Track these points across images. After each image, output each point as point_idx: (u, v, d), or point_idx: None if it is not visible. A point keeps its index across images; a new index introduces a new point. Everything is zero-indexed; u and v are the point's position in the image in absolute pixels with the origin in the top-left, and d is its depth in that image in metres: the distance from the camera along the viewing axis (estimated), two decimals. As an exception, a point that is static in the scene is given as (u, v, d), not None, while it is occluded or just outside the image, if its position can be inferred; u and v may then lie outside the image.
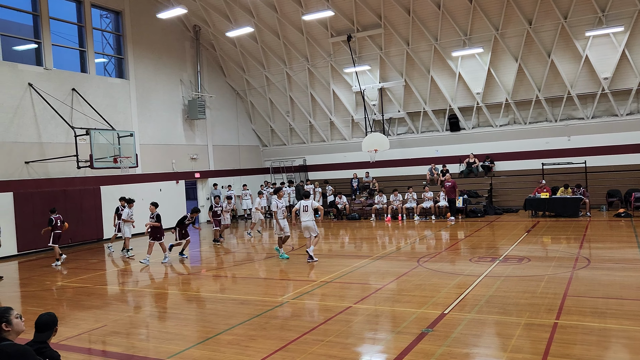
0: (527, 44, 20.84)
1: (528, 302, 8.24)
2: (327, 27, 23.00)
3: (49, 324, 4.51)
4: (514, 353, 6.14)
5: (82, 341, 7.63)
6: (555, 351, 6.10)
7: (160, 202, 21.98)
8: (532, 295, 8.59)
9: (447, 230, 18.02)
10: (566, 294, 8.62)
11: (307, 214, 12.87)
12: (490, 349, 6.45)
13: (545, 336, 6.60)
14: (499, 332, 6.99)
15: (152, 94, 22.54)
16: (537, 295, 8.62)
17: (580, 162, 21.15)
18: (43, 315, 4.55)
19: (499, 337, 6.81)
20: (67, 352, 6.96)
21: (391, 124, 25.82)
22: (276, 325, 7.76)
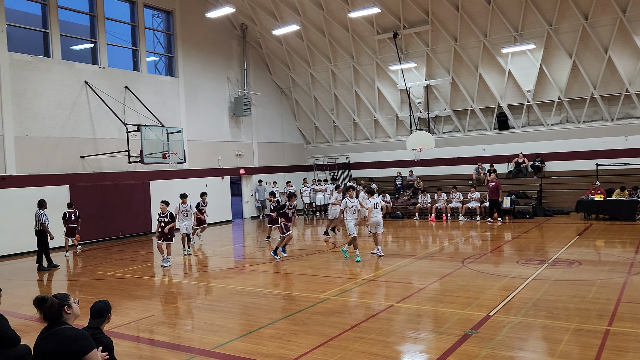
0: (583, 39, 20.02)
1: (578, 307, 7.95)
2: (372, 24, 22.86)
3: (103, 311, 4.72)
4: (561, 359, 5.94)
5: (132, 329, 7.91)
6: (607, 358, 5.86)
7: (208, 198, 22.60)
8: (583, 300, 8.28)
9: (492, 232, 17.60)
10: (620, 299, 8.26)
11: (376, 211, 13.24)
12: (536, 354, 6.26)
13: (596, 342, 6.35)
14: (546, 337, 6.78)
15: (200, 92, 23.08)
16: (588, 300, 8.31)
17: (638, 163, 20.16)
18: (98, 302, 4.76)
19: (546, 342, 6.61)
20: (117, 339, 7.23)
21: (437, 122, 25.42)
22: (318, 321, 7.80)
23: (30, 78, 16.95)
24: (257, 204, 25.58)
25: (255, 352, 6.62)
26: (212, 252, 15.63)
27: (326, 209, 25.89)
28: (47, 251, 13.69)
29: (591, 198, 19.10)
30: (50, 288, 11.83)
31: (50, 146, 17.40)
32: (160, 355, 6.75)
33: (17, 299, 10.26)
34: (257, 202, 25.52)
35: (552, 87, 21.66)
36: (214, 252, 15.74)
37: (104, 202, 18.70)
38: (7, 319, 5.34)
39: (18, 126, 16.59)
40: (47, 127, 17.36)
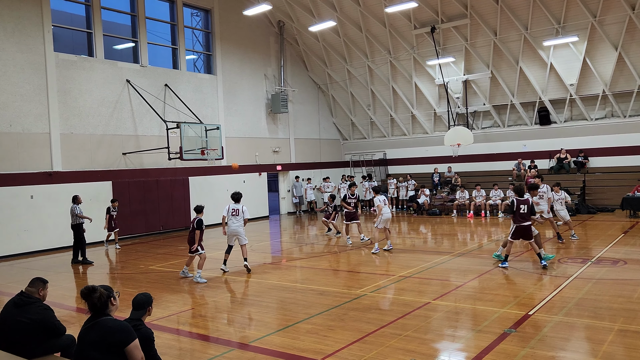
0: (629, 30, 19.24)
1: (622, 307, 7.71)
2: (410, 19, 22.61)
3: (144, 303, 4.89)
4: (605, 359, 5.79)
5: (172, 322, 8.14)
6: (653, 361, 5.68)
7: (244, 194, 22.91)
8: (628, 300, 8.02)
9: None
10: (667, 300, 7.96)
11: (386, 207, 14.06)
12: (578, 354, 6.11)
13: (641, 345, 6.15)
14: (588, 337, 6.60)
15: (238, 89, 23.40)
16: (634, 300, 8.03)
17: (689, 158, 19.30)
18: (139, 295, 4.93)
19: (588, 342, 6.44)
20: (158, 332, 7.46)
21: (475, 117, 24.95)
22: (354, 317, 7.83)
23: (75, 77, 17.57)
24: (294, 200, 25.77)
25: (292, 346, 6.71)
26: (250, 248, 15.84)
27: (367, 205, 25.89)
28: (82, 247, 14.00)
29: (637, 195, 18.38)
30: (95, 281, 12.27)
31: (94, 143, 18.02)
32: (199, 347, 6.93)
33: (64, 290, 10.70)
34: (294, 198, 25.71)
35: (596, 81, 20.93)
36: (251, 247, 15.95)
37: (146, 198, 19.24)
38: (53, 309, 5.60)
39: (64, 124, 17.24)
40: (91, 124, 17.97)
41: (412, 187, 24.51)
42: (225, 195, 21.78)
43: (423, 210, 22.96)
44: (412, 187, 24.54)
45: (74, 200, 14.31)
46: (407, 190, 24.61)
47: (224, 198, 21.50)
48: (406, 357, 6.12)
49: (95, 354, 4.09)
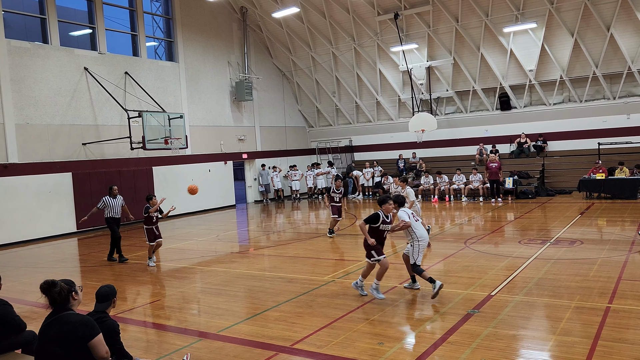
0: (585, 17, 19.81)
1: (579, 285, 8.03)
2: (373, 5, 22.65)
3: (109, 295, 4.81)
4: (562, 336, 6.03)
5: (138, 314, 8.03)
6: (607, 335, 5.95)
7: (210, 183, 22.73)
8: (584, 279, 8.35)
9: (495, 212, 17.65)
10: (620, 277, 8.33)
11: None
12: (538, 332, 6.35)
13: (596, 320, 6.43)
14: (548, 315, 6.86)
15: (201, 76, 23.00)
16: (589, 278, 8.38)
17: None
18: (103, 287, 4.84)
19: (547, 320, 6.69)
20: (124, 324, 7.35)
21: (439, 103, 25.31)
22: (322, 303, 7.90)
23: (29, 65, 16.91)
24: (260, 189, 25.66)
25: (261, 334, 6.72)
26: (217, 237, 15.74)
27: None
28: (117, 243, 12.40)
29: (593, 177, 19.09)
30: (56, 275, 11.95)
31: (51, 133, 17.44)
32: (167, 339, 6.86)
33: (24, 285, 10.39)
34: (260, 186, 25.60)
35: (554, 66, 21.51)
36: (218, 236, 15.85)
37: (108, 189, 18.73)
38: (11, 305, 5.43)
39: (19, 114, 16.61)
40: (48, 114, 17.37)
41: (378, 174, 24.75)
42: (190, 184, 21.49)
43: (389, 196, 23.20)
44: (378, 174, 24.78)
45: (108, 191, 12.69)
46: (373, 177, 24.85)
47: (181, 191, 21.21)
48: (374, 341, 6.23)
49: (57, 349, 4.00)
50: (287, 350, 6.12)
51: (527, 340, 6.10)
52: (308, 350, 6.07)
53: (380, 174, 24.66)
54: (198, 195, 21.02)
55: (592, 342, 5.78)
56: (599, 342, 5.75)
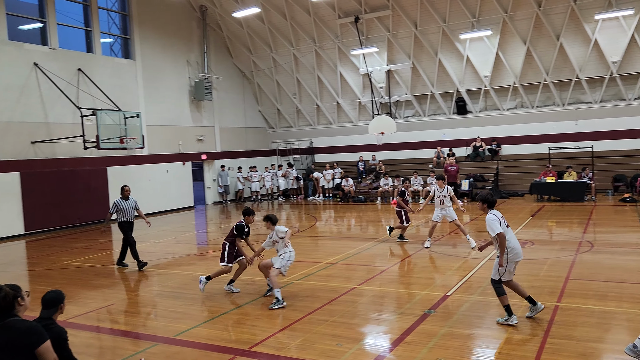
0: (537, 27, 20.57)
1: (531, 284, 8.31)
2: (334, 8, 22.79)
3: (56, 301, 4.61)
4: (514, 334, 6.23)
5: (91, 319, 7.79)
6: (556, 332, 6.19)
7: (168, 184, 22.31)
8: (535, 278, 8.66)
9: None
10: (569, 277, 8.69)
11: None
12: (491, 330, 6.54)
13: (546, 318, 6.68)
14: (501, 314, 7.06)
15: (159, 75, 22.53)
16: (540, 278, 8.69)
17: (587, 146, 21.04)
18: (50, 292, 4.65)
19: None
20: (75, 330, 7.12)
21: (398, 106, 25.71)
22: (281, 305, 7.87)
23: (-24, 60, 16.14)
24: (219, 190, 25.35)
25: (219, 337, 6.64)
26: (175, 239, 15.45)
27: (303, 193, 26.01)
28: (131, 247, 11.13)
29: (544, 180, 19.82)
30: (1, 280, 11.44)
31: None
32: (121, 344, 6.68)
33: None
34: (219, 187, 25.29)
35: (508, 73, 22.23)
36: (176, 238, 15.56)
37: (60, 189, 18.11)
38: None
39: (-36, 111, 15.82)
40: (-4, 111, 16.61)
41: (339, 175, 24.90)
42: (147, 185, 21.06)
43: (349, 198, 23.42)
44: (338, 175, 24.93)
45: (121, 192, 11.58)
46: (334, 178, 24.98)
47: (146, 189, 20.80)
48: (333, 342, 6.26)
49: (2, 357, 3.83)
50: (246, 353, 6.07)
51: (481, 339, 6.28)
52: (267, 352, 6.05)
53: (340, 175, 24.81)
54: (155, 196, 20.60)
55: (542, 339, 6.00)
56: (548, 340, 5.98)
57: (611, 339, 6.08)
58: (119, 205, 11.28)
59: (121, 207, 11.27)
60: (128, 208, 11.32)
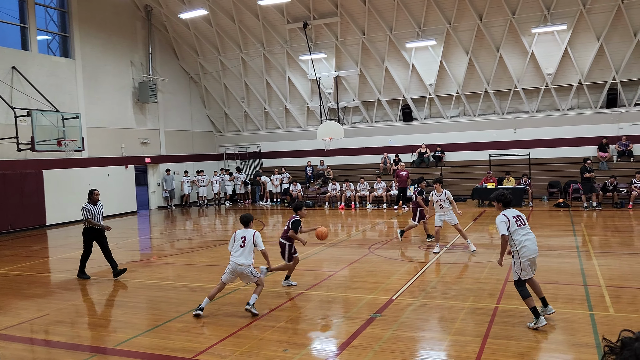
0: (478, 38, 21.40)
1: (472, 287, 8.58)
2: (283, 13, 22.80)
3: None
4: (457, 335, 6.40)
5: (24, 331, 7.37)
6: (495, 333, 6.41)
7: (109, 188, 21.51)
8: (477, 281, 8.95)
9: (398, 218, 18.41)
10: (507, 279, 9.02)
11: None
12: (435, 332, 6.69)
13: (486, 319, 6.91)
14: (444, 316, 7.25)
15: (101, 75, 21.73)
16: (481, 280, 8.99)
17: (525, 154, 22.02)
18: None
19: (444, 321, 7.08)
20: (6, 342, 6.72)
21: (346, 112, 25.99)
22: (228, 312, 7.75)
23: None
24: (164, 194, 24.70)
25: (162, 346, 6.45)
26: (116, 245, 14.87)
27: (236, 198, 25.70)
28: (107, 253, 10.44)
29: (484, 186, 20.57)
30: None
31: None
32: (56, 356, 6.36)
33: None
34: (164, 192, 24.64)
35: (451, 82, 22.96)
36: (117, 244, 14.99)
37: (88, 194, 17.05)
38: None
39: None
40: None
41: (287, 180, 24.85)
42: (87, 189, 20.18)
43: (296, 203, 23.37)
44: (286, 180, 24.88)
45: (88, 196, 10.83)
46: (282, 183, 24.91)
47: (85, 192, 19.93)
48: (279, 348, 6.21)
49: None
50: (190, 362, 5.92)
51: (425, 341, 6.41)
52: (212, 361, 5.92)
53: (288, 180, 24.77)
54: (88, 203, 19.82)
55: (483, 340, 6.19)
56: (489, 340, 6.18)
57: (547, 339, 6.35)
58: (89, 209, 10.57)
59: (92, 212, 10.59)
60: (97, 213, 10.63)
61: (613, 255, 11.18)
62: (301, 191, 23.66)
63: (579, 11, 19.53)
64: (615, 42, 20.04)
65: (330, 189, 22.88)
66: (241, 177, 25.67)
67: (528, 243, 6.57)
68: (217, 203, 25.76)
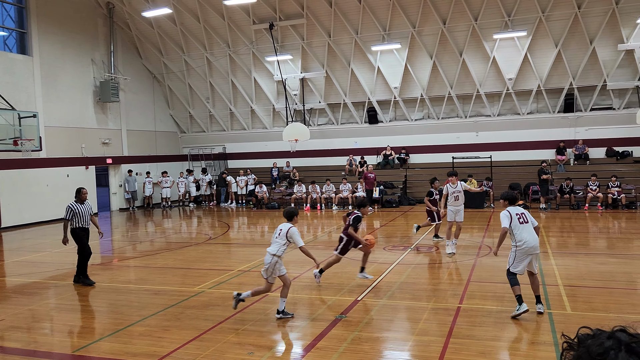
0: (442, 42, 21.80)
1: (435, 287, 8.73)
2: (249, 14, 22.67)
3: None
4: (420, 336, 6.50)
5: (-24, 337, 7.07)
6: (458, 332, 6.54)
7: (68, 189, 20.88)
8: (439, 282, 9.11)
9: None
10: (469, 279, 9.22)
11: None
12: (399, 333, 6.77)
13: (449, 319, 7.04)
14: (408, 317, 7.35)
15: (60, 73, 21.09)
16: (443, 281, 9.16)
17: (487, 156, 22.55)
18: None
19: (408, 321, 7.17)
20: (-42, 350, 6.44)
21: (312, 114, 26.03)
22: (191, 315, 7.64)
23: None
24: (126, 196, 24.15)
25: (123, 351, 6.30)
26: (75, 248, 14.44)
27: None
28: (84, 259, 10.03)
29: (448, 188, 20.91)
30: None
31: None
32: (12, 363, 6.13)
33: None
34: (126, 193, 24.09)
35: (416, 85, 23.32)
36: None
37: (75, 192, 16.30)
38: None
39: None
40: None
41: (252, 182, 24.70)
42: (44, 190, 19.59)
43: (262, 204, 23.29)
44: (252, 182, 24.71)
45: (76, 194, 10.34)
46: (247, 185, 24.73)
47: (43, 193, 19.35)
48: (244, 351, 6.16)
49: None
50: (152, 367, 5.81)
51: (389, 342, 6.48)
52: (175, 365, 5.82)
53: (254, 182, 24.61)
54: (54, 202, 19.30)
55: (445, 340, 6.30)
56: (451, 340, 6.30)
57: (507, 337, 6.52)
58: (74, 209, 10.08)
59: (77, 211, 10.08)
60: (84, 213, 10.16)
61: (570, 255, 11.57)
62: (267, 193, 23.55)
63: (538, 18, 20.16)
64: (572, 49, 20.78)
65: (296, 191, 22.86)
66: (206, 178, 25.37)
67: (528, 239, 7.05)
68: (181, 204, 25.37)
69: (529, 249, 7.01)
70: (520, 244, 7.02)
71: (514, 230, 7.10)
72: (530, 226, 7.18)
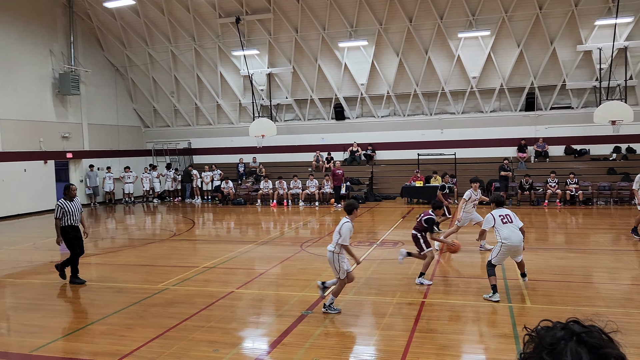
0: (408, 40, 22.03)
1: (400, 282, 8.84)
2: (215, 7, 22.35)
3: None
4: (385, 330, 6.57)
5: None
6: (422, 327, 6.64)
7: (25, 184, 20.23)
8: (404, 277, 9.22)
9: (330, 216, 18.62)
10: (434, 274, 9.38)
11: None
12: (365, 328, 6.83)
13: (413, 314, 7.14)
14: (373, 312, 7.42)
15: (15, 64, 20.31)
16: (408, 276, 9.27)
17: (451, 153, 22.96)
18: None
19: (373, 316, 7.24)
20: None
21: (279, 110, 25.91)
22: (155, 312, 7.51)
23: None
24: (87, 191, 23.50)
25: (83, 350, 6.15)
26: (33, 245, 14.01)
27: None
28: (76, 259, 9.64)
29: (413, 184, 21.24)
30: None
31: None
32: (-35, 365, 5.89)
33: None
34: (87, 188, 23.45)
35: (382, 82, 23.50)
36: (34, 244, 14.12)
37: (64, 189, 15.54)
38: None
39: None
40: None
41: (218, 177, 24.43)
42: (0, 186, 18.88)
43: (228, 200, 23.07)
44: (217, 177, 24.45)
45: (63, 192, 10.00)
46: (212, 180, 24.45)
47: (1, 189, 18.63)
48: (209, 348, 6.10)
49: None
50: (114, 366, 5.68)
51: (355, 337, 6.53)
52: (138, 364, 5.71)
53: (220, 177, 24.35)
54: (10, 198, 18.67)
55: (410, 334, 6.40)
56: (415, 334, 6.39)
57: (469, 331, 6.67)
58: (64, 207, 9.72)
59: (67, 209, 9.73)
60: (74, 210, 9.82)
61: (530, 250, 11.88)
62: (233, 188, 23.35)
63: (501, 18, 20.61)
64: (534, 49, 21.34)
65: (263, 187, 22.74)
66: (170, 174, 24.96)
67: (510, 235, 7.87)
68: (144, 200, 24.88)
69: (512, 246, 7.83)
70: (505, 241, 7.82)
71: (499, 229, 7.95)
72: (514, 226, 7.97)
